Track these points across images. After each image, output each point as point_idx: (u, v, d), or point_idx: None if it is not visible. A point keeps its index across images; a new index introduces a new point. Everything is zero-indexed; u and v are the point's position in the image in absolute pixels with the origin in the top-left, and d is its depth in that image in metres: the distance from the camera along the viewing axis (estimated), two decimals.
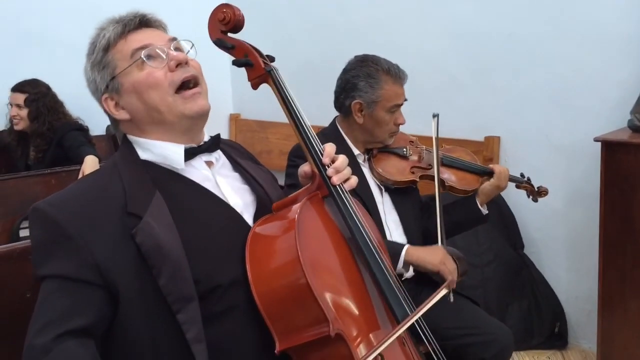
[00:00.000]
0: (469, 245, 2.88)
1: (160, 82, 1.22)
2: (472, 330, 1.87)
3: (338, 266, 1.25)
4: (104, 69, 1.25)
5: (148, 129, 1.26)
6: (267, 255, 1.19)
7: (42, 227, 1.15)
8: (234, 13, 1.35)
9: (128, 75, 1.23)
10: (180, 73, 1.23)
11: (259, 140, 4.26)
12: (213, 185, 1.29)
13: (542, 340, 2.96)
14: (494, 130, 3.09)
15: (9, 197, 2.84)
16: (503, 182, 2.09)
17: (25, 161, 3.46)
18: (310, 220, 1.23)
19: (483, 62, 3.09)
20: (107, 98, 1.26)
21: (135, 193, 1.18)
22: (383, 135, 2.06)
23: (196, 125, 1.28)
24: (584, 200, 2.81)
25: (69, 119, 3.43)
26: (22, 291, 1.33)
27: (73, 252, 1.11)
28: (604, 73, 2.70)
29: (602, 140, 2.37)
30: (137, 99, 1.23)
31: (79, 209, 1.15)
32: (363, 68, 2.03)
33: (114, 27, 1.25)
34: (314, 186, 1.30)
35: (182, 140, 1.26)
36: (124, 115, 1.26)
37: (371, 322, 1.24)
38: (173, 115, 1.23)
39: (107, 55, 1.25)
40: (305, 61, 3.63)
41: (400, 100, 2.04)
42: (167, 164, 1.26)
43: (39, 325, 1.09)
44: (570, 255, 2.96)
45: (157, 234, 1.13)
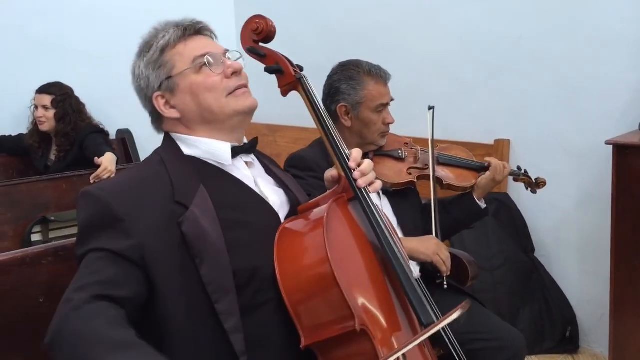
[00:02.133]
0: (479, 248, 2.87)
1: (217, 86, 1.30)
2: (484, 335, 1.85)
3: (363, 266, 1.27)
4: (159, 68, 1.31)
5: (196, 128, 1.33)
6: (295, 252, 1.22)
7: (93, 208, 1.19)
8: (267, 24, 1.43)
9: (186, 77, 1.31)
10: (236, 81, 1.32)
11: (268, 144, 4.27)
12: (252, 184, 1.34)
13: (554, 345, 2.94)
14: (504, 133, 3.08)
15: (21, 201, 2.86)
16: (499, 176, 2.09)
17: (44, 162, 3.50)
18: (337, 221, 1.26)
19: (492, 65, 3.09)
20: (158, 96, 1.32)
21: (181, 184, 1.24)
22: (373, 136, 2.06)
23: (244, 122, 1.35)
24: (595, 203, 2.79)
25: (92, 122, 3.50)
26: (35, 296, 1.34)
27: (121, 233, 1.16)
28: (615, 75, 2.69)
29: (613, 143, 2.35)
30: (191, 100, 1.30)
31: (128, 194, 1.21)
32: (344, 72, 2.06)
33: (174, 31, 1.33)
34: (340, 188, 1.34)
35: (227, 138, 1.33)
36: (173, 113, 1.33)
37: (394, 322, 1.25)
38: (225, 114, 1.30)
39: (165, 55, 1.32)
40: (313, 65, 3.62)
41: (384, 99, 2.04)
42: (213, 160, 1.32)
43: (80, 284, 1.12)
44: (582, 259, 2.94)
45: (202, 224, 1.18)
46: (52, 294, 1.35)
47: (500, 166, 2.09)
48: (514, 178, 2.27)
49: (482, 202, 2.11)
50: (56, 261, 1.38)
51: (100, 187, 1.23)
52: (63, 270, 1.37)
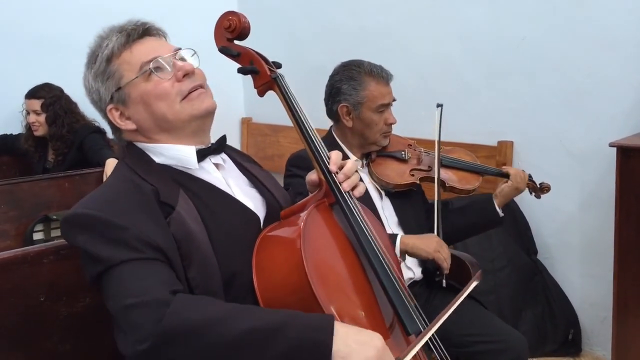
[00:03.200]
0: (482, 250, 2.86)
1: (168, 92, 1.23)
2: (485, 337, 1.84)
3: (346, 274, 1.23)
4: (108, 80, 1.26)
5: (155, 137, 1.28)
6: (273, 264, 1.19)
7: (90, 229, 1.11)
8: (240, 20, 1.35)
9: (135, 87, 1.24)
10: (188, 83, 1.26)
11: (270, 144, 4.26)
12: (224, 187, 1.30)
13: (556, 347, 2.93)
14: (507, 135, 3.07)
15: (23, 200, 2.85)
16: (521, 184, 2.09)
17: (43, 165, 3.48)
18: (317, 229, 1.22)
19: (496, 66, 3.08)
20: (112, 109, 1.27)
21: (162, 187, 1.20)
22: (374, 136, 2.05)
23: (204, 124, 1.29)
24: (598, 205, 2.78)
25: (87, 122, 3.45)
26: (37, 295, 1.34)
27: (133, 238, 1.10)
28: (619, 77, 2.68)
29: (617, 145, 2.34)
30: (144, 110, 1.25)
31: (118, 205, 1.14)
32: (346, 72, 2.05)
33: (117, 37, 1.25)
34: (321, 194, 1.29)
35: (191, 142, 1.28)
36: (129, 125, 1.27)
37: (380, 329, 1.21)
38: (181, 120, 1.25)
39: (111, 65, 1.25)
40: (316, 66, 3.63)
41: (385, 99, 2.04)
42: (180, 166, 1.27)
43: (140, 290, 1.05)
44: (584, 261, 2.93)
45: (189, 225, 1.15)
46: (53, 293, 1.36)
47: (520, 173, 2.09)
48: None
49: (500, 211, 2.10)
50: (57, 260, 1.38)
51: (85, 206, 1.15)
52: (64, 269, 1.38)
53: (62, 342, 1.37)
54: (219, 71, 1.37)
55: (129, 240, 1.09)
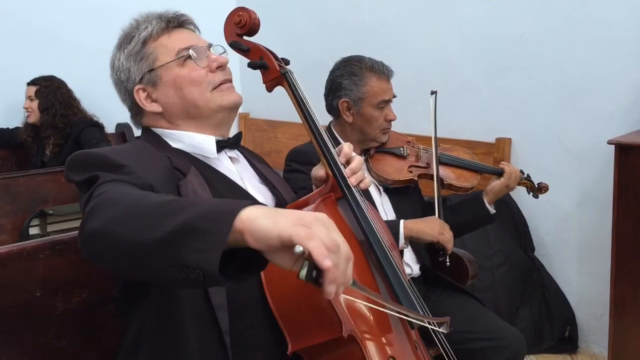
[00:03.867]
0: (479, 247, 2.86)
1: (202, 79, 1.27)
2: (483, 334, 1.84)
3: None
4: (141, 60, 1.27)
5: (178, 122, 1.29)
6: None
7: (89, 165, 1.09)
8: (250, 16, 1.37)
9: (169, 70, 1.27)
10: (221, 75, 1.29)
11: (268, 140, 4.25)
12: (239, 180, 1.31)
13: (553, 344, 2.93)
14: (505, 131, 3.06)
15: (19, 194, 2.84)
16: (512, 183, 2.09)
17: (41, 158, 3.48)
18: None
19: (494, 63, 3.07)
20: (139, 89, 1.28)
21: (175, 159, 1.21)
22: (374, 132, 2.05)
23: (229, 117, 1.32)
24: (596, 203, 2.78)
25: (85, 115, 3.45)
26: (33, 290, 1.32)
27: (128, 174, 1.07)
28: (618, 75, 2.67)
29: (615, 143, 2.34)
30: (175, 93, 1.27)
31: (129, 155, 1.13)
32: (347, 67, 2.05)
33: (157, 22, 1.29)
34: (327, 188, 1.29)
35: (212, 133, 1.30)
36: (155, 107, 1.29)
37: (384, 325, 1.23)
38: (210, 109, 1.27)
39: (147, 47, 1.28)
40: (315, 61, 3.62)
41: (386, 95, 2.03)
42: (198, 154, 1.28)
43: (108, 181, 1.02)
44: (581, 259, 2.93)
45: (199, 193, 1.16)
46: (49, 288, 1.35)
47: (515, 172, 2.09)
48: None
49: (492, 207, 2.09)
50: (53, 255, 1.36)
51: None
52: (60, 265, 1.36)
53: (58, 338, 1.36)
54: None
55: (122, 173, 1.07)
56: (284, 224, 0.78)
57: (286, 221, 0.78)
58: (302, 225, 0.78)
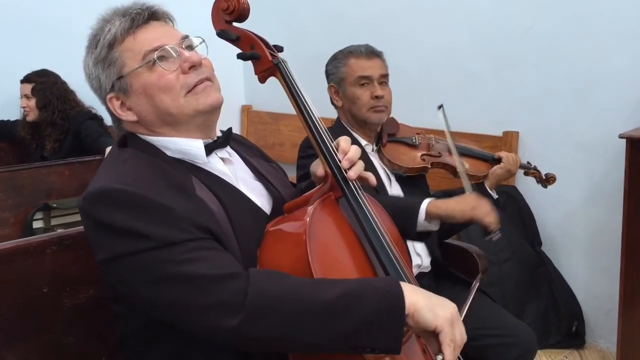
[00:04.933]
0: (486, 242, 2.82)
1: (173, 85, 1.16)
2: (495, 331, 1.82)
3: (353, 270, 1.19)
4: (109, 67, 1.18)
5: (158, 130, 1.21)
6: (278, 261, 1.14)
7: (128, 205, 1.04)
8: (238, 1, 1.27)
9: (138, 77, 1.17)
10: (194, 76, 1.18)
11: (271, 132, 4.22)
12: (233, 182, 1.24)
13: (560, 339, 2.91)
14: (513, 125, 3.03)
15: (23, 188, 2.82)
16: (513, 167, 2.06)
17: (40, 153, 3.43)
18: (323, 224, 1.17)
19: (502, 56, 3.04)
20: (112, 98, 1.20)
21: (177, 172, 1.15)
22: (361, 111, 2.02)
23: (210, 120, 1.22)
24: (605, 197, 2.76)
25: (82, 108, 3.40)
26: (39, 286, 1.31)
27: (180, 218, 1.05)
28: (627, 67, 2.64)
29: (627, 137, 2.31)
30: (146, 102, 1.18)
31: (151, 184, 1.08)
32: (333, 56, 2.12)
33: (121, 22, 1.17)
34: (327, 187, 1.23)
35: (195, 136, 1.21)
36: (130, 116, 1.20)
37: None
38: (185, 115, 1.18)
39: (113, 51, 1.18)
40: (318, 54, 3.59)
41: (366, 72, 2.02)
42: (189, 160, 1.21)
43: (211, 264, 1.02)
44: (589, 254, 2.91)
45: (211, 208, 1.13)
46: (56, 284, 1.33)
47: (512, 157, 2.07)
48: (525, 172, 2.24)
49: (494, 193, 2.07)
50: (60, 250, 1.34)
51: (118, 181, 1.07)
52: (67, 260, 1.35)
53: (66, 334, 1.34)
54: (218, 57, 1.30)
55: (177, 222, 1.04)
56: (442, 320, 1.02)
57: (444, 318, 1.02)
58: (451, 325, 1.03)
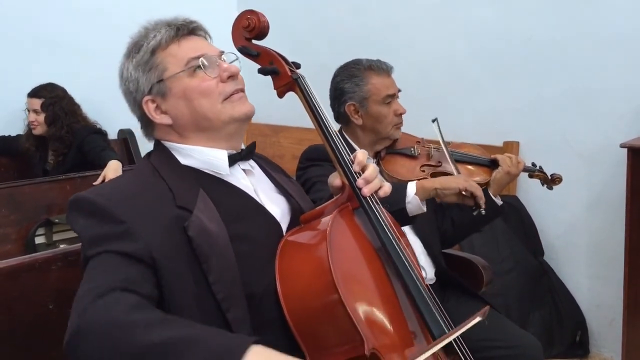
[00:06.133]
0: (489, 252, 2.83)
1: (212, 90, 1.22)
2: (501, 342, 1.82)
3: (371, 281, 1.20)
4: (150, 70, 1.23)
5: (189, 135, 1.25)
6: (298, 270, 1.15)
7: (89, 214, 1.12)
8: (259, 20, 1.33)
9: (179, 80, 1.23)
10: (232, 85, 1.25)
11: (271, 145, 4.22)
12: (252, 193, 1.27)
13: (563, 349, 2.90)
14: (513, 135, 3.04)
15: (24, 203, 2.81)
16: (512, 169, 2.02)
17: (43, 166, 3.43)
18: (341, 234, 1.19)
19: (502, 65, 3.05)
20: (148, 100, 1.24)
21: (180, 189, 1.17)
22: (386, 129, 2.03)
23: (241, 128, 1.28)
24: (606, 207, 2.76)
25: (88, 122, 3.41)
26: (44, 302, 1.31)
27: (127, 236, 1.09)
28: (628, 76, 2.65)
29: (628, 146, 2.32)
30: (185, 105, 1.23)
31: (126, 198, 1.14)
32: (345, 71, 2.05)
33: (167, 30, 1.24)
34: (344, 197, 1.26)
35: (223, 146, 1.26)
36: (165, 119, 1.25)
37: (406, 338, 1.20)
38: (221, 121, 1.23)
39: (156, 56, 1.23)
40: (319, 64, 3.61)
41: (390, 90, 2.02)
42: (210, 170, 1.24)
43: (94, 283, 1.03)
44: (592, 263, 2.91)
45: (208, 227, 1.13)
46: (61, 300, 1.32)
47: (508, 159, 2.04)
48: (529, 174, 2.21)
49: (497, 199, 2.05)
50: (65, 266, 1.35)
51: (92, 191, 1.16)
52: (72, 276, 1.33)
53: None
54: None
55: (121, 236, 1.08)
56: None
57: None
58: None
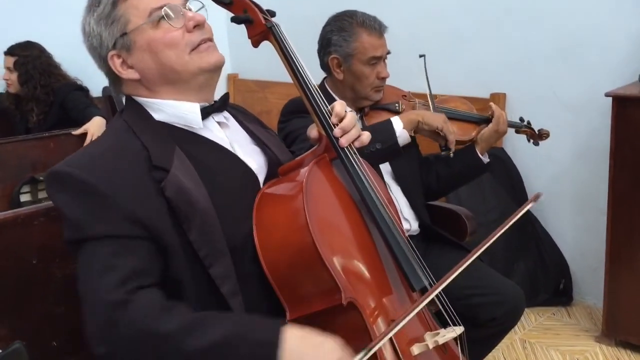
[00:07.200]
0: (475, 204, 2.86)
1: (178, 41, 1.18)
2: (482, 290, 1.85)
3: (349, 232, 1.21)
4: (112, 24, 1.18)
5: (158, 89, 1.21)
6: (274, 221, 1.16)
7: (72, 190, 1.09)
8: None
9: (143, 33, 1.17)
10: (198, 35, 1.20)
11: (258, 101, 4.19)
12: (228, 146, 1.25)
13: (547, 297, 2.97)
14: (500, 86, 3.03)
15: (7, 161, 2.80)
16: (502, 126, 2.02)
17: (25, 125, 3.39)
18: (319, 184, 1.19)
19: (488, 15, 3.01)
20: (113, 55, 1.20)
21: (156, 148, 1.15)
22: (365, 90, 2.00)
23: (212, 79, 1.24)
24: (592, 156, 2.78)
25: (68, 80, 3.35)
26: (29, 258, 1.31)
27: (113, 210, 1.07)
28: (614, 26, 2.63)
29: (613, 95, 2.32)
30: (150, 58, 1.18)
31: (104, 167, 1.11)
32: (337, 22, 2.00)
33: None
34: (321, 148, 1.25)
35: (195, 99, 1.22)
36: (132, 74, 1.20)
37: (384, 288, 1.22)
38: (189, 72, 1.19)
39: (117, 9, 1.18)
40: (304, 16, 3.55)
41: (377, 52, 1.98)
42: (183, 124, 1.22)
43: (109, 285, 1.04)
44: (576, 212, 2.94)
45: (186, 186, 1.11)
46: (45, 255, 1.33)
47: (503, 115, 2.03)
48: (516, 130, 2.20)
49: (485, 157, 2.05)
50: (48, 222, 1.34)
51: (71, 163, 1.11)
52: (56, 231, 1.33)
53: (57, 304, 1.35)
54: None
55: (108, 212, 1.07)
56: None
57: None
58: None
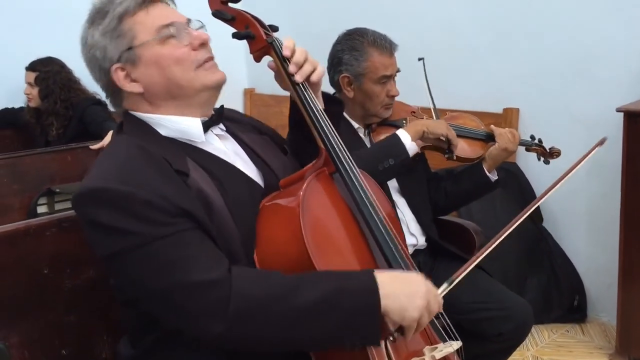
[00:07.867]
0: (486, 218, 2.85)
1: (186, 58, 1.21)
2: (490, 304, 1.84)
3: (346, 244, 1.22)
4: (118, 38, 1.21)
5: (161, 104, 1.23)
6: (272, 233, 1.17)
7: (111, 203, 1.07)
8: None
9: (150, 49, 1.20)
10: (204, 53, 1.23)
11: (274, 115, 4.22)
12: (229, 158, 1.27)
13: (561, 314, 2.94)
14: (513, 101, 3.03)
15: (26, 174, 2.85)
16: (509, 145, 2.01)
17: (45, 138, 3.45)
18: (317, 198, 1.20)
19: (502, 30, 3.02)
20: (118, 68, 1.22)
21: (171, 156, 1.17)
22: (375, 108, 2.02)
23: (213, 96, 1.27)
24: (605, 172, 2.75)
25: (87, 94, 3.42)
26: (40, 268, 1.34)
27: (161, 212, 1.08)
28: (627, 41, 2.63)
29: (624, 110, 2.31)
30: (157, 73, 1.21)
31: (133, 175, 1.10)
32: (348, 41, 2.01)
33: None
34: (321, 162, 1.26)
35: (196, 114, 1.25)
36: (135, 88, 1.22)
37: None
38: (194, 89, 1.22)
39: (123, 24, 1.21)
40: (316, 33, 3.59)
41: (388, 70, 1.99)
42: (185, 139, 1.24)
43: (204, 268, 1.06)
44: (590, 228, 2.92)
45: (204, 188, 1.15)
46: (56, 266, 1.36)
47: (506, 134, 2.02)
48: (526, 148, 2.20)
49: (493, 174, 2.04)
50: (60, 232, 1.37)
51: (101, 178, 1.10)
52: (67, 242, 1.38)
53: (67, 313, 1.38)
54: (221, 40, 1.33)
55: (157, 215, 1.07)
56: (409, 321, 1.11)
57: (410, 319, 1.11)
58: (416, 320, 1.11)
